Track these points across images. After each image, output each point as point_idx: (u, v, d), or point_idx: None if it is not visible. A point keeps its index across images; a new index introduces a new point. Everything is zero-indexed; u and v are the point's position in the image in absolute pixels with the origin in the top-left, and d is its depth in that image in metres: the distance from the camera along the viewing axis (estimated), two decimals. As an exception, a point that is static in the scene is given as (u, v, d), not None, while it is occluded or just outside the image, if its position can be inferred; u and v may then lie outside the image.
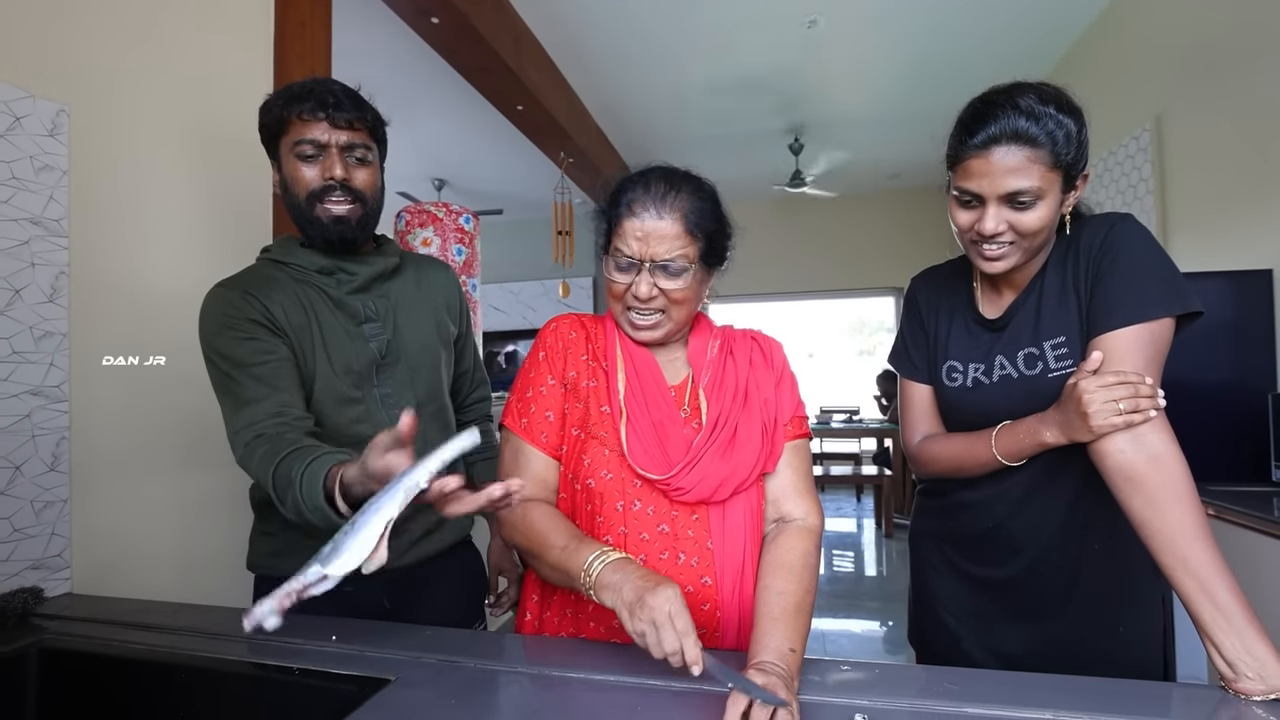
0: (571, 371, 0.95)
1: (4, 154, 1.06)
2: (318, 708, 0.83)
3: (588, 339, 0.97)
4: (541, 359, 0.96)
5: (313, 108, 1.01)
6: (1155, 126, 2.82)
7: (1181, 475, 0.77)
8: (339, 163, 1.03)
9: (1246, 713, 0.68)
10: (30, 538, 1.09)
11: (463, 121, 4.57)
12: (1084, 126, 0.87)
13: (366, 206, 1.07)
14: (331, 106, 1.01)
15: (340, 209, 1.04)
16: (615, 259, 0.89)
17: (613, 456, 0.89)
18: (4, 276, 1.06)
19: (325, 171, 1.03)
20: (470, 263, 2.82)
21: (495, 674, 0.82)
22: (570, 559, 0.79)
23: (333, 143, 1.03)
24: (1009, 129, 0.84)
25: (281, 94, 1.04)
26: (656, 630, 0.67)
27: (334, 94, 1.02)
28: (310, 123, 1.02)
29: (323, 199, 1.04)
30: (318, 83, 1.04)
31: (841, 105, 4.56)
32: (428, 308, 1.19)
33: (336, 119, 1.02)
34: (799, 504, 0.93)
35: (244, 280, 1.04)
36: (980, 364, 0.99)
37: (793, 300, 7.48)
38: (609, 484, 0.88)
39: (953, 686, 0.76)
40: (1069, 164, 0.86)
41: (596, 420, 0.92)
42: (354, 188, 1.05)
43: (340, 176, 1.03)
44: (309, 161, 1.03)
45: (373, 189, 1.09)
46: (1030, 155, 0.84)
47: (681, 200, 0.87)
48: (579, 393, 0.94)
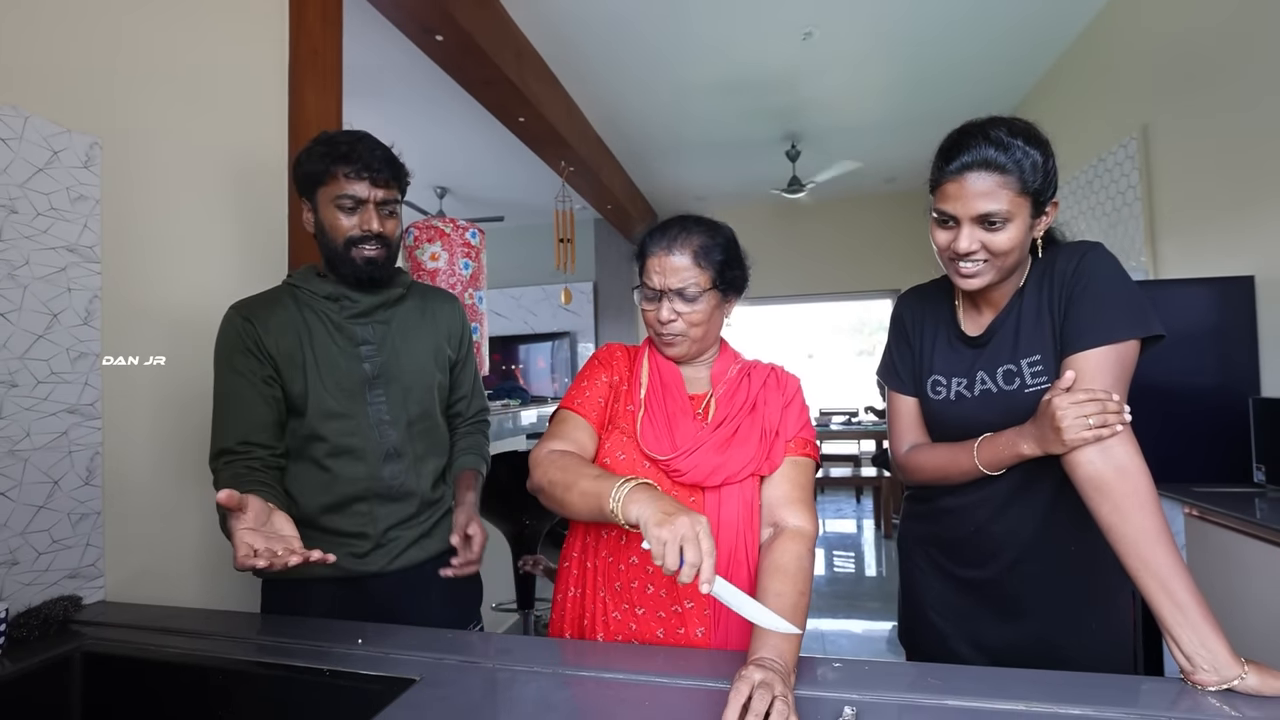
0: (615, 376, 1.13)
1: (44, 186, 1.13)
2: (347, 707, 0.89)
3: (627, 357, 1.17)
4: (597, 363, 1.15)
5: (358, 170, 1.15)
6: (1142, 135, 2.89)
7: (1145, 485, 0.83)
8: (375, 218, 1.18)
9: (1203, 702, 0.74)
10: (67, 548, 1.15)
11: (466, 132, 4.63)
12: (1050, 158, 0.94)
13: (391, 249, 1.23)
14: (374, 170, 1.16)
15: (373, 253, 1.19)
16: (644, 291, 1.07)
17: (628, 442, 1.04)
18: (44, 301, 1.12)
19: (363, 224, 1.17)
20: (476, 276, 2.88)
21: (514, 674, 0.89)
22: (603, 482, 0.85)
23: (371, 199, 1.17)
24: (980, 157, 0.92)
25: (326, 146, 1.16)
26: (681, 541, 0.71)
27: (377, 159, 1.17)
28: (354, 180, 1.16)
29: (359, 245, 1.18)
30: (361, 143, 1.17)
31: (837, 113, 4.62)
32: (428, 334, 1.31)
33: (377, 179, 1.17)
34: (794, 513, 1.00)
35: (250, 304, 1.20)
36: (963, 378, 1.06)
37: (793, 304, 7.54)
38: (621, 463, 1.02)
39: (936, 681, 0.82)
40: (1036, 190, 0.93)
41: (622, 415, 1.08)
42: (384, 236, 1.20)
43: (377, 230, 1.19)
44: (348, 213, 1.17)
45: (395, 234, 1.24)
46: (999, 181, 0.92)
47: (693, 238, 1.04)
48: (617, 392, 1.12)
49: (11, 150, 1.09)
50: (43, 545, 1.12)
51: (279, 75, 1.67)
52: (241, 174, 1.55)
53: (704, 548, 0.72)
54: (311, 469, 1.18)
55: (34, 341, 1.11)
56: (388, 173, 1.18)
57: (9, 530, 1.07)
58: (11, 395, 1.07)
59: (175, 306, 1.36)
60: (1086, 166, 3.39)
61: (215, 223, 1.48)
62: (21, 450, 1.09)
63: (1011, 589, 1.04)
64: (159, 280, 1.35)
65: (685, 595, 0.98)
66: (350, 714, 0.85)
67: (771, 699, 0.71)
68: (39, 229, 1.12)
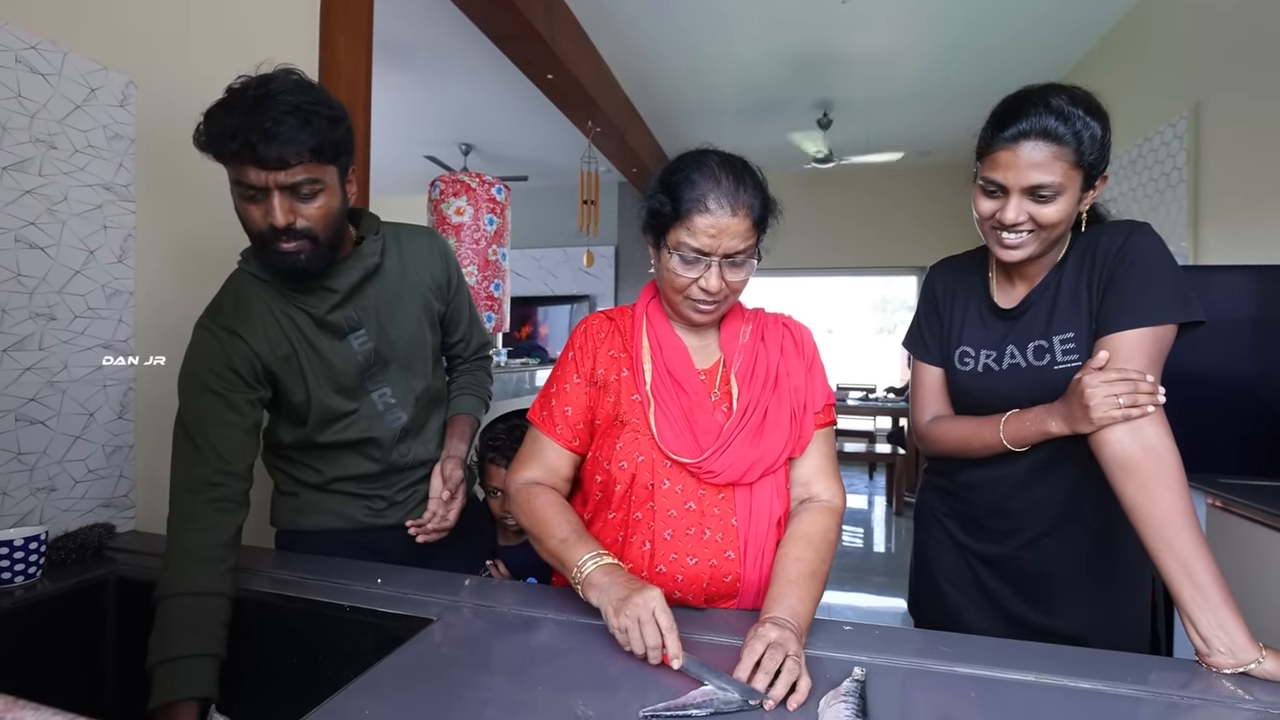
0: (600, 369, 1.00)
1: (81, 123, 1.14)
2: (366, 641, 0.92)
3: (617, 331, 1.02)
4: (570, 359, 1.02)
5: (239, 148, 0.87)
6: (1194, 114, 2.77)
7: (1173, 466, 0.82)
8: (280, 209, 0.91)
9: (1216, 684, 0.74)
10: (102, 479, 1.19)
11: (493, 88, 4.57)
12: (1108, 131, 0.91)
13: (320, 241, 0.97)
14: (262, 145, 0.86)
15: (291, 247, 0.95)
16: (680, 252, 0.89)
17: (644, 440, 0.94)
18: (81, 238, 1.14)
19: (267, 216, 0.92)
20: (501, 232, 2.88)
21: (528, 618, 0.91)
22: (567, 552, 0.86)
23: (271, 185, 0.90)
24: (1038, 126, 0.88)
25: (211, 118, 0.89)
26: (639, 626, 0.74)
27: (262, 130, 0.86)
28: (244, 165, 0.89)
29: (272, 242, 0.94)
30: (247, 108, 0.87)
31: (873, 83, 4.48)
32: (414, 297, 1.15)
33: (268, 160, 0.88)
34: (826, 486, 0.99)
35: (229, 315, 1.02)
36: (992, 351, 1.04)
37: (815, 276, 7.45)
38: (640, 465, 0.93)
39: (946, 649, 0.83)
40: (1090, 164, 0.90)
41: (628, 408, 0.97)
42: (300, 229, 0.94)
43: (282, 224, 0.92)
44: (253, 202, 0.92)
45: (326, 219, 0.96)
46: (1055, 152, 0.88)
47: (747, 194, 0.89)
48: (609, 387, 0.99)
49: (51, 86, 1.09)
50: (79, 474, 1.15)
51: (310, 22, 1.66)
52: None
53: (662, 624, 0.74)
54: (318, 458, 1.15)
55: (71, 277, 1.13)
56: (290, 147, 0.88)
57: (48, 458, 1.10)
58: (50, 328, 1.10)
59: (206, 249, 1.38)
60: (1131, 146, 3.27)
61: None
62: (59, 382, 1.12)
63: (1028, 566, 1.04)
64: (191, 222, 1.36)
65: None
66: (370, 648, 0.88)
67: (784, 657, 0.72)
68: (77, 165, 1.13)
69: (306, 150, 0.90)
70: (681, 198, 0.88)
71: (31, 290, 1.07)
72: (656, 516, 0.92)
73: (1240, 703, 0.71)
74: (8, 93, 1.04)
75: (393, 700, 0.69)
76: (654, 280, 1.05)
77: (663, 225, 0.91)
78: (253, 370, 1.02)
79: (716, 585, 0.93)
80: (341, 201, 1.00)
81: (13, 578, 0.97)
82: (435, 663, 0.78)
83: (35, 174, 1.07)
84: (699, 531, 0.92)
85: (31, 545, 0.98)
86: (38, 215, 1.08)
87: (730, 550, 0.93)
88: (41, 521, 1.08)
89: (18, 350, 1.06)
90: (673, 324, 1.00)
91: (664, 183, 0.91)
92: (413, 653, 0.80)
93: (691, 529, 0.92)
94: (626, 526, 0.94)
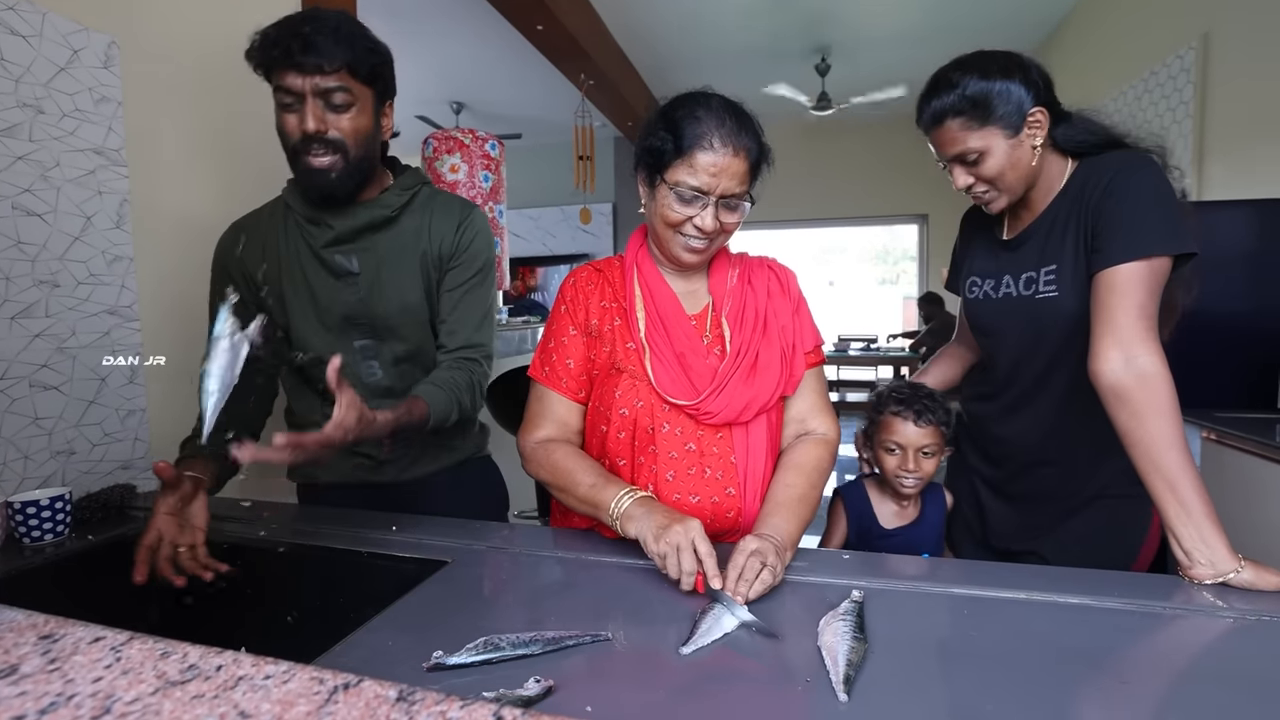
0: (593, 319, 1.01)
1: (66, 86, 1.13)
2: (385, 583, 0.95)
3: (606, 283, 1.03)
4: (563, 312, 1.03)
5: (282, 54, 0.94)
6: (1202, 44, 2.70)
7: (1165, 393, 0.84)
8: (312, 114, 0.96)
9: (1196, 595, 0.78)
10: (118, 441, 1.22)
11: (481, 43, 4.46)
12: (1011, 80, 0.95)
13: (349, 156, 1.01)
14: (300, 51, 0.93)
15: (320, 161, 0.99)
16: (677, 190, 0.89)
17: (642, 386, 0.96)
18: (77, 204, 1.14)
19: (300, 123, 0.97)
20: (496, 189, 2.85)
21: (537, 558, 0.94)
22: (598, 495, 0.90)
23: (306, 90, 0.96)
24: (934, 109, 0.98)
25: (263, 33, 0.98)
26: (678, 553, 0.77)
27: (303, 36, 0.93)
28: (284, 69, 0.95)
29: (304, 152, 0.99)
30: (293, 21, 0.96)
31: (869, 23, 4.36)
32: (416, 260, 1.12)
33: (306, 63, 0.94)
34: (821, 420, 1.04)
35: (247, 224, 1.15)
36: (992, 279, 1.10)
37: (814, 228, 7.38)
38: (640, 410, 0.95)
39: (941, 573, 0.87)
40: (1002, 116, 0.94)
41: (624, 356, 0.99)
42: (331, 138, 0.98)
43: (313, 129, 0.97)
44: (289, 111, 0.98)
45: (356, 135, 1.01)
46: (959, 124, 0.97)
47: (747, 138, 0.90)
48: (603, 336, 1.01)
49: (33, 48, 1.08)
50: (95, 438, 1.18)
51: (291, -28, 1.61)
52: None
53: (701, 551, 0.77)
54: (308, 393, 1.16)
55: (71, 244, 1.14)
56: (326, 54, 0.93)
57: (65, 422, 1.13)
58: (55, 295, 1.11)
59: (201, 209, 1.37)
60: (1137, 81, 3.20)
61: (238, 123, 1.46)
62: (69, 348, 1.14)
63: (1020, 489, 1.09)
64: (186, 183, 1.36)
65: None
66: (388, 590, 0.92)
67: (761, 566, 0.76)
68: (66, 130, 1.13)
69: (341, 61, 0.96)
70: (685, 134, 0.88)
71: (34, 258, 1.08)
72: (659, 459, 0.95)
73: (1218, 611, 0.74)
74: (-9, 57, 1.03)
75: (413, 632, 0.73)
76: (641, 228, 1.06)
77: (661, 163, 0.91)
78: (242, 271, 1.11)
79: (720, 521, 0.96)
80: (375, 127, 1.05)
81: (42, 535, 1.00)
82: (453, 599, 0.82)
83: (26, 139, 1.07)
84: (700, 470, 0.96)
85: (57, 505, 1.01)
86: (32, 181, 1.08)
87: (731, 487, 0.96)
88: (64, 484, 1.12)
89: (25, 317, 1.07)
90: (662, 271, 1.02)
91: (666, 118, 0.91)
92: (430, 591, 0.84)
93: (693, 468, 0.96)
94: (631, 470, 0.97)
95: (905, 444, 1.14)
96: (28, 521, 0.99)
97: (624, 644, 0.68)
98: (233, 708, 0.37)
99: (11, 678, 0.40)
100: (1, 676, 0.40)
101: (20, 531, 1.00)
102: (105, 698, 0.38)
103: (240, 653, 0.43)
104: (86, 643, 0.44)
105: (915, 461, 1.14)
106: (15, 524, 0.99)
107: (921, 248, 6.88)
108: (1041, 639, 0.69)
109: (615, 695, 0.60)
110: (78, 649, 0.43)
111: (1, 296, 1.04)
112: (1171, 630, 0.72)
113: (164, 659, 0.42)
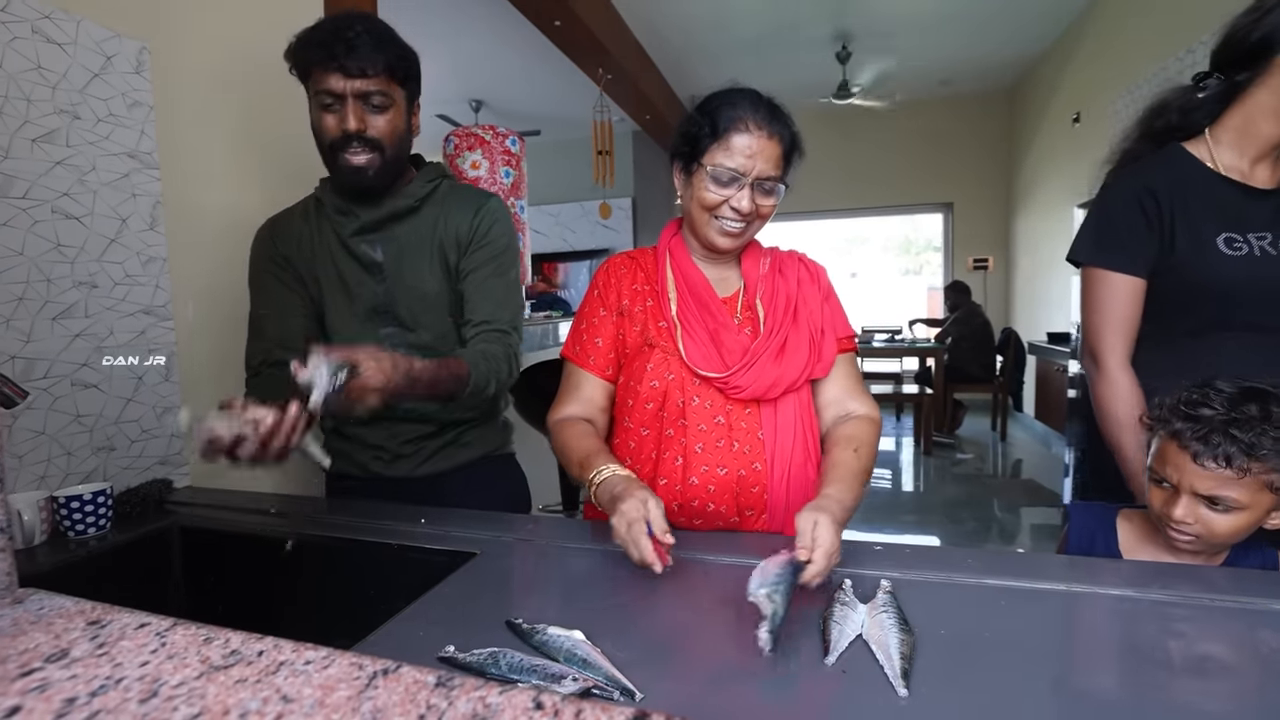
0: (625, 300, 1.05)
1: (101, 92, 1.15)
2: (415, 574, 0.96)
3: (639, 268, 1.07)
4: (595, 295, 1.07)
5: (325, 57, 0.99)
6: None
7: None
8: (353, 114, 1.02)
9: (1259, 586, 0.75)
10: (155, 438, 1.25)
11: (499, 40, 4.48)
12: None
13: (385, 155, 1.07)
14: (344, 55, 0.98)
15: (358, 159, 1.05)
16: (714, 172, 0.93)
17: (673, 361, 0.99)
18: (112, 207, 1.17)
19: (341, 123, 1.02)
20: (518, 185, 2.86)
21: (564, 549, 0.95)
22: (586, 472, 0.92)
23: (348, 92, 1.01)
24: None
25: (303, 36, 1.03)
26: (628, 528, 0.78)
27: (346, 41, 0.98)
28: (328, 72, 1.00)
29: (342, 150, 1.04)
30: (334, 25, 1.00)
31: (892, 9, 4.29)
32: (435, 248, 1.14)
33: (349, 67, 0.99)
34: (860, 403, 1.04)
35: (281, 218, 1.19)
36: (1266, 233, 0.97)
37: (836, 219, 7.30)
38: (671, 384, 0.99)
39: (974, 563, 0.85)
40: None
41: (656, 333, 1.02)
42: (370, 138, 1.04)
43: (354, 129, 1.02)
44: (329, 111, 1.03)
45: (393, 135, 1.07)
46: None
47: (780, 124, 0.94)
48: (634, 317, 1.04)
49: (68, 55, 1.11)
50: (134, 434, 1.21)
51: (314, -26, 1.63)
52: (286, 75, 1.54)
53: (652, 514, 0.78)
54: None
55: (107, 245, 1.17)
56: (368, 58, 0.99)
57: (105, 419, 1.16)
58: (94, 296, 1.14)
59: (231, 210, 1.40)
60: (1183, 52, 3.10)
61: (267, 125, 1.49)
62: (107, 347, 1.17)
63: None
64: (218, 185, 1.38)
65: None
66: (417, 581, 0.93)
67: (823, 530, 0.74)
68: (101, 135, 1.15)
69: (382, 63, 1.01)
70: (721, 118, 0.92)
71: (72, 260, 1.11)
72: (688, 432, 0.97)
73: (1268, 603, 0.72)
74: (28, 64, 1.05)
75: (444, 623, 0.73)
76: (674, 221, 1.09)
77: (697, 149, 0.95)
78: (286, 259, 1.15)
79: (746, 496, 0.97)
80: (406, 127, 1.11)
81: (85, 529, 1.03)
82: (482, 590, 0.82)
83: (63, 144, 1.10)
84: (728, 444, 0.97)
85: (99, 499, 1.04)
86: (70, 186, 1.11)
87: (757, 462, 0.97)
88: (105, 479, 1.15)
89: (66, 318, 1.10)
90: (694, 258, 1.05)
91: (702, 109, 0.95)
92: (460, 582, 0.84)
93: (721, 441, 0.97)
94: (660, 443, 0.99)
95: (1180, 485, 0.81)
96: (71, 515, 1.02)
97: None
98: (275, 692, 0.38)
99: (63, 661, 0.41)
100: (53, 660, 0.41)
101: (65, 525, 1.03)
102: (152, 681, 0.39)
103: (280, 639, 0.44)
104: (133, 628, 0.45)
105: (1192, 512, 0.81)
106: (60, 518, 1.03)
107: (946, 236, 6.76)
108: (1087, 632, 0.67)
109: (671, 689, 0.59)
110: (124, 634, 0.45)
111: (43, 298, 1.07)
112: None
113: (207, 644, 0.43)
